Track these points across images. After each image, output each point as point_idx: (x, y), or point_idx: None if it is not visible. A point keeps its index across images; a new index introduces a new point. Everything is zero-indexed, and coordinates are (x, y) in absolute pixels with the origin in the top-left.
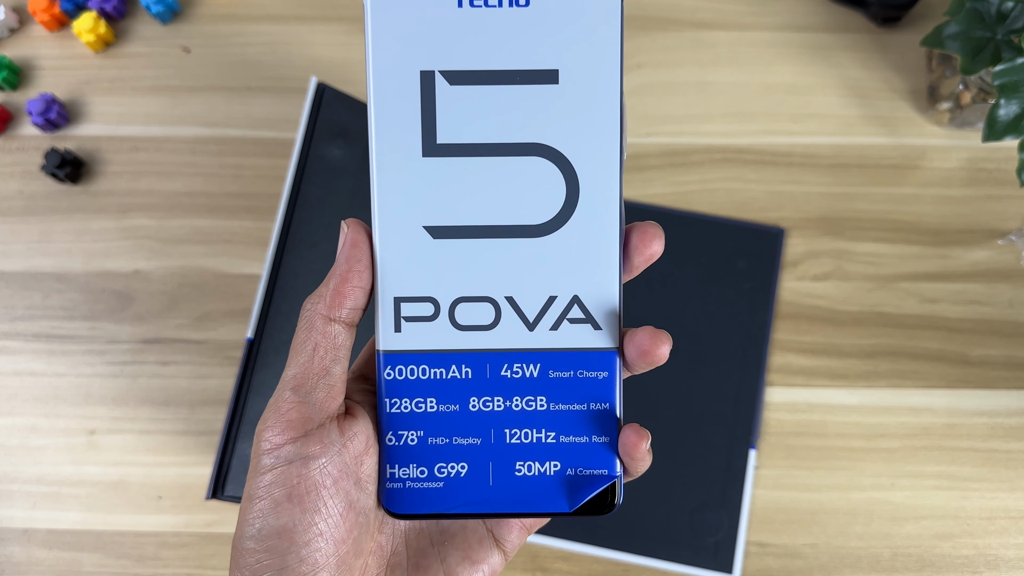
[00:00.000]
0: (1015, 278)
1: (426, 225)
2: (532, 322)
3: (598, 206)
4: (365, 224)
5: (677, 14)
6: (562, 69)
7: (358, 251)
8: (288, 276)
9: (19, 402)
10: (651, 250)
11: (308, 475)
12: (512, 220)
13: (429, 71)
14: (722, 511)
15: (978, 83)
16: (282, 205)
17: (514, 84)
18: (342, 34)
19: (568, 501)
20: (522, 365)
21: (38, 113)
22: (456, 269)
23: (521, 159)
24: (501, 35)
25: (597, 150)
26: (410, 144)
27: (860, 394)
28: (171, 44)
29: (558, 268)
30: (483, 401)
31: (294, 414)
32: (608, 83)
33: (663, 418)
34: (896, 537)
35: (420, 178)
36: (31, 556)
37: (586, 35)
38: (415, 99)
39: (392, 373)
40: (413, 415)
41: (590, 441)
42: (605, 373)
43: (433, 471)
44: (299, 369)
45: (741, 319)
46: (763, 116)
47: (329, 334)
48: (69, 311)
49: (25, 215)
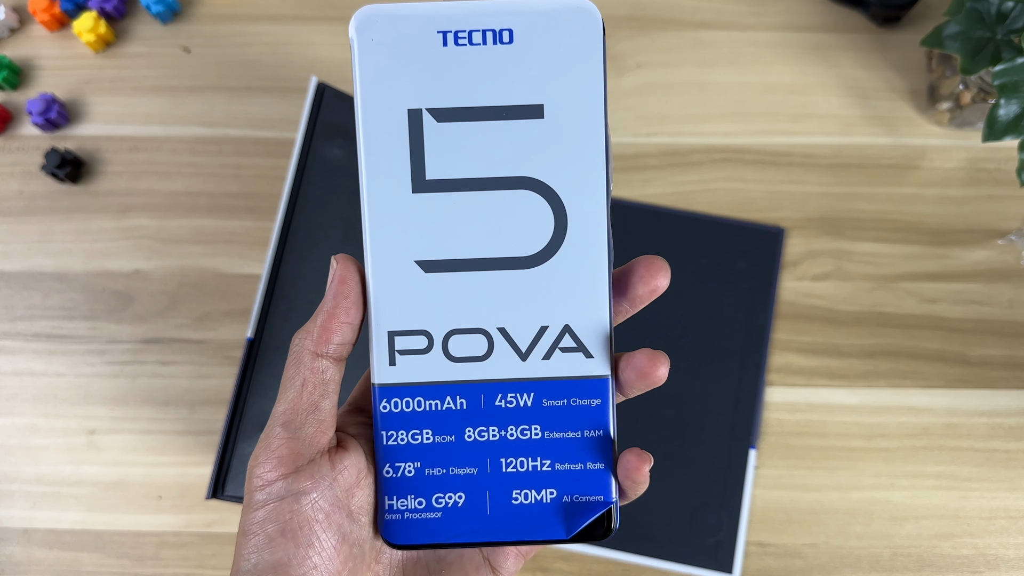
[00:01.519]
0: (1015, 278)
1: (417, 259)
2: (524, 352)
3: (586, 236)
4: (355, 259)
5: (677, 14)
6: (547, 104)
7: (346, 287)
8: (288, 276)
9: (19, 402)
10: (656, 282)
11: (300, 510)
12: (502, 252)
13: (416, 109)
14: (722, 511)
15: (978, 83)
16: (282, 205)
17: (500, 120)
18: (342, 34)
19: (565, 528)
20: (516, 395)
21: (38, 113)
22: (448, 302)
23: (509, 192)
24: (486, 72)
25: (584, 182)
26: (400, 180)
27: (860, 394)
28: (171, 44)
29: (549, 298)
30: (478, 431)
31: (284, 450)
32: (593, 116)
33: (663, 418)
34: (896, 537)
35: (410, 214)
36: (31, 556)
37: (570, 70)
38: (403, 136)
39: (388, 406)
40: (410, 447)
41: (585, 468)
42: (598, 400)
43: (431, 502)
44: (288, 405)
45: (741, 319)
46: (763, 116)
47: (317, 370)
48: (69, 311)
49: (25, 215)
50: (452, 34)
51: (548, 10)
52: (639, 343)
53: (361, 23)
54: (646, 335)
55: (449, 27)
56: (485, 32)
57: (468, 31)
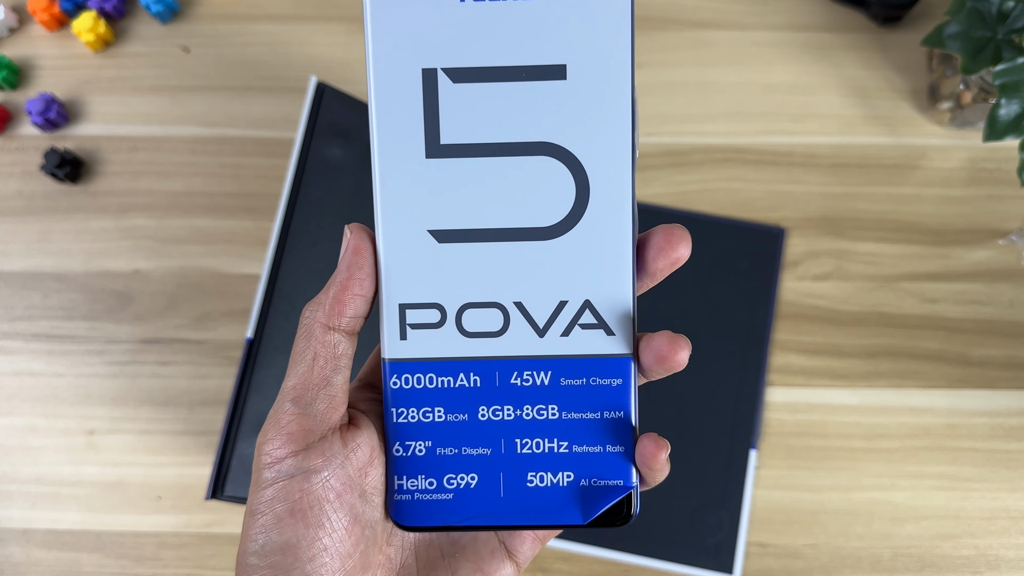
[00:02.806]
0: (1015, 278)
1: (431, 229)
2: (542, 328)
3: (610, 207)
4: (368, 229)
5: (677, 14)
6: (570, 64)
7: (360, 258)
8: (288, 276)
9: (18, 402)
10: (677, 253)
11: (311, 489)
12: (520, 222)
13: (431, 69)
14: (722, 511)
15: (979, 83)
16: (282, 205)
17: (520, 81)
18: (342, 34)
19: (582, 513)
20: (532, 373)
21: (38, 113)
22: (463, 274)
23: (529, 159)
24: (506, 30)
25: (608, 148)
26: (413, 145)
27: (860, 394)
28: (171, 44)
29: (569, 272)
30: (492, 410)
31: (294, 426)
32: (619, 78)
33: (663, 418)
34: (897, 537)
35: (424, 180)
36: (30, 556)
37: (595, 28)
38: (417, 98)
39: (398, 382)
40: (421, 425)
41: (604, 451)
42: (619, 380)
43: (442, 482)
44: (299, 379)
45: (741, 319)
46: (763, 116)
47: (329, 343)
48: (68, 311)
49: (25, 215)
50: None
51: None
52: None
53: None
54: None
55: None
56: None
57: None
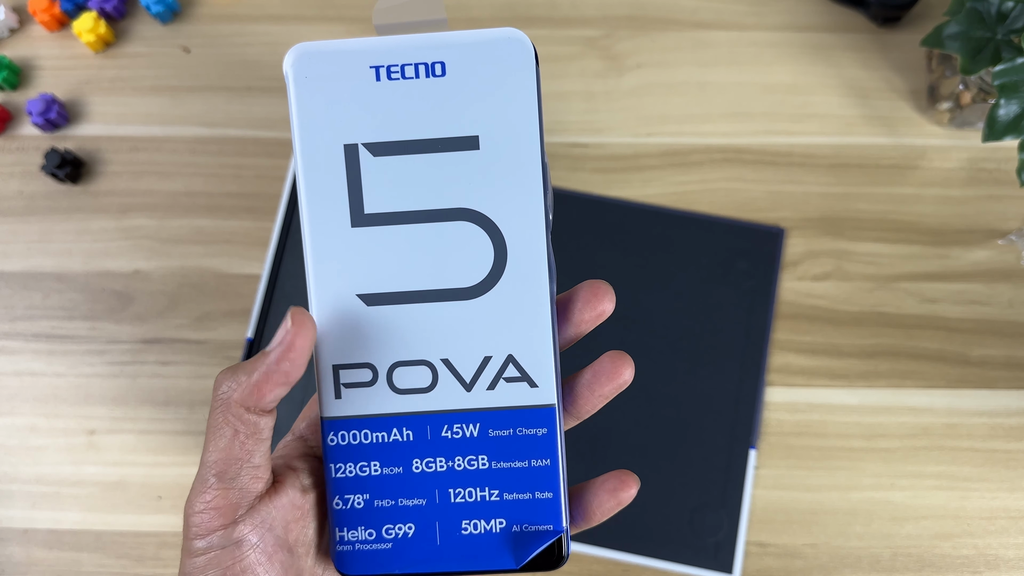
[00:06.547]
0: (1015, 278)
1: (359, 293)
2: (469, 383)
3: (527, 266)
4: (310, 316)
5: (677, 14)
6: (482, 135)
7: (292, 353)
8: (288, 276)
9: (19, 402)
10: (602, 307)
11: (242, 556)
12: (443, 284)
13: (352, 144)
14: (722, 511)
15: (978, 83)
16: (282, 205)
17: (436, 152)
18: (342, 34)
19: (514, 557)
20: (462, 425)
21: (38, 113)
22: (391, 334)
23: (448, 224)
24: (421, 105)
25: (522, 211)
26: (339, 216)
27: (860, 394)
28: (171, 44)
29: (491, 329)
30: (426, 462)
31: (221, 501)
32: (528, 145)
33: (663, 418)
34: (896, 537)
35: (351, 248)
36: (31, 556)
37: (503, 101)
38: (341, 172)
39: (335, 439)
40: (358, 479)
41: (534, 497)
42: (544, 430)
43: (381, 533)
44: (220, 455)
45: (741, 319)
46: (763, 116)
47: (248, 421)
48: (69, 311)
49: (25, 215)
50: (385, 69)
51: (479, 42)
52: (638, 343)
53: (295, 61)
54: (645, 335)
55: (382, 62)
56: (417, 66)
57: (400, 65)
